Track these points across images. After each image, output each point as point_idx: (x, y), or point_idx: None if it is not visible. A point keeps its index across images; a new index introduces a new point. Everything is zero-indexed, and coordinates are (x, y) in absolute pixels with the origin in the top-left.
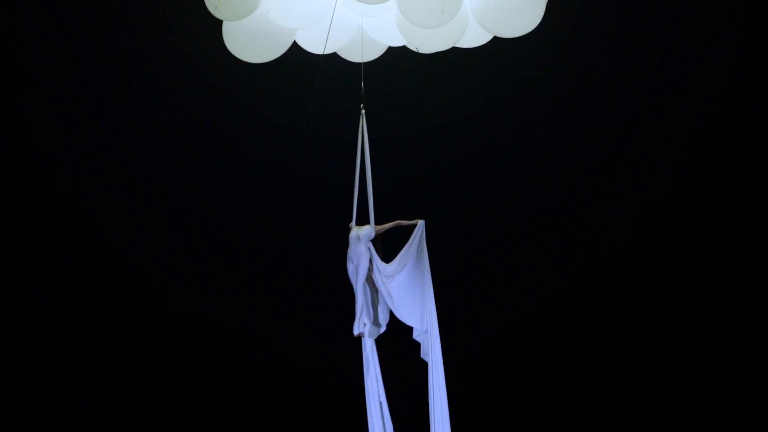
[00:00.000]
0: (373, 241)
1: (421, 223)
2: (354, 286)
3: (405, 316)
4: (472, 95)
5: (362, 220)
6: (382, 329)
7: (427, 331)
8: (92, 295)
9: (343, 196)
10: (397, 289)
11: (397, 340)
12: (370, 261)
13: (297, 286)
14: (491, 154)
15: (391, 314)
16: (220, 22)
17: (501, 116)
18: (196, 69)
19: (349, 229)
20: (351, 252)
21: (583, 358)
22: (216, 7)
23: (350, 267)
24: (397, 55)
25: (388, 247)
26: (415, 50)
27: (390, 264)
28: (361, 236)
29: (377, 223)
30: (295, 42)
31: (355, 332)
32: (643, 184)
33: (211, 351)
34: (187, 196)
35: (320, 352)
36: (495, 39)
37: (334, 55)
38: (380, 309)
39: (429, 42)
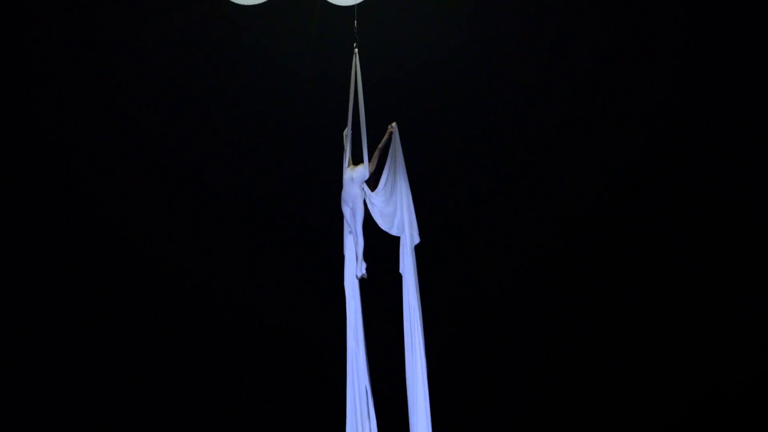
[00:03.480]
0: (366, 181)
1: (395, 129)
2: (354, 229)
3: (394, 228)
4: (467, 35)
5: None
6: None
7: (412, 237)
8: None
9: (338, 137)
10: (384, 205)
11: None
12: (364, 200)
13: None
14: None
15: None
16: None
17: (494, 56)
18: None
19: (343, 136)
20: (345, 194)
21: (570, 343)
22: None
23: (346, 210)
24: None
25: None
26: None
27: (377, 190)
28: (355, 178)
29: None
30: None
31: (358, 274)
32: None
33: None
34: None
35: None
36: None
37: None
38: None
39: None
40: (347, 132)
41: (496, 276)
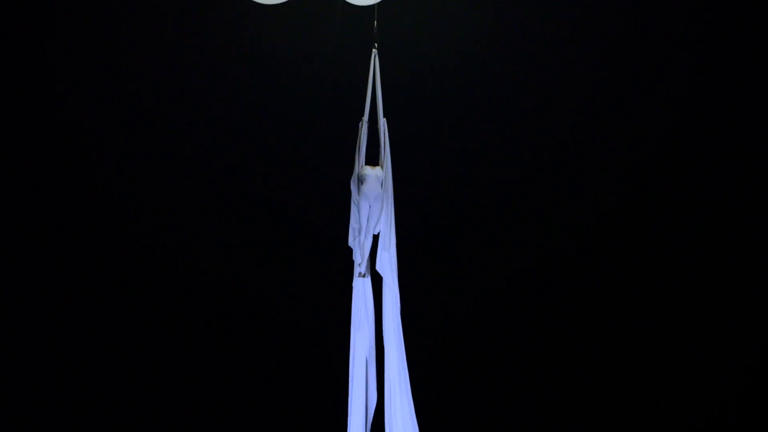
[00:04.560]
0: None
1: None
2: (372, 224)
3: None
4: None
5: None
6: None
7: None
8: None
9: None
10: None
11: None
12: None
13: (303, 233)
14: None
15: None
16: None
17: (513, 58)
18: (204, 11)
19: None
20: (369, 190)
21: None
22: None
23: (364, 205)
24: None
25: None
26: None
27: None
28: (379, 177)
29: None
30: None
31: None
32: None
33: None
34: (193, 140)
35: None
36: None
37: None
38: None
39: None
40: (364, 121)
41: (487, 280)
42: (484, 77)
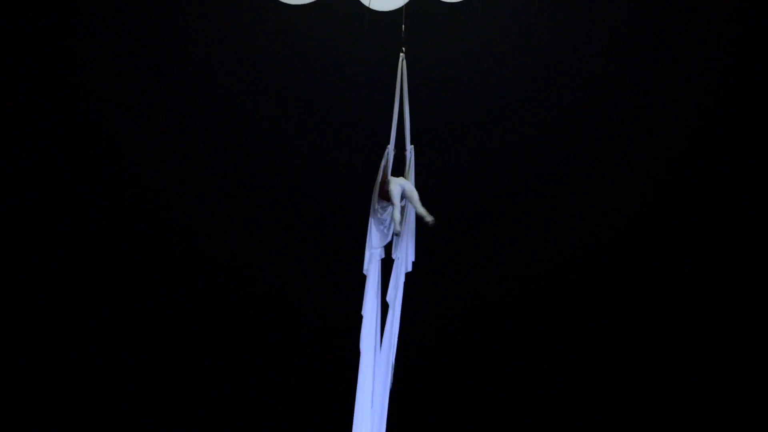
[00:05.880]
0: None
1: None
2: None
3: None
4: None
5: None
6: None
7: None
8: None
9: (381, 141)
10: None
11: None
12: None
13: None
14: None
15: None
16: None
17: (540, 64)
18: (231, 11)
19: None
20: (395, 199)
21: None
22: None
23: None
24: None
25: None
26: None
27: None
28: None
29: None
30: None
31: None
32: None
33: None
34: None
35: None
36: None
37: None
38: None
39: None
40: (389, 150)
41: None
42: (506, 84)
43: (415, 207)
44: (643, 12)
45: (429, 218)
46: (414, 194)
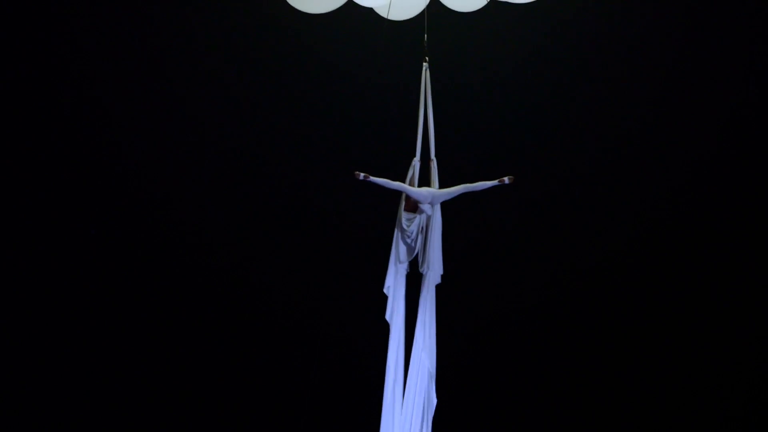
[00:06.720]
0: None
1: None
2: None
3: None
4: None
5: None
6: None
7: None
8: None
9: (407, 150)
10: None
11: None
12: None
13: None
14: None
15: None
16: None
17: (561, 71)
18: (253, 22)
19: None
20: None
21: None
22: None
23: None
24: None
25: None
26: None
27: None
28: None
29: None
30: None
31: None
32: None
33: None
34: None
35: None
36: None
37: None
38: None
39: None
40: (415, 162)
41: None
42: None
43: (477, 188)
44: (660, 21)
45: (505, 179)
46: (464, 186)
